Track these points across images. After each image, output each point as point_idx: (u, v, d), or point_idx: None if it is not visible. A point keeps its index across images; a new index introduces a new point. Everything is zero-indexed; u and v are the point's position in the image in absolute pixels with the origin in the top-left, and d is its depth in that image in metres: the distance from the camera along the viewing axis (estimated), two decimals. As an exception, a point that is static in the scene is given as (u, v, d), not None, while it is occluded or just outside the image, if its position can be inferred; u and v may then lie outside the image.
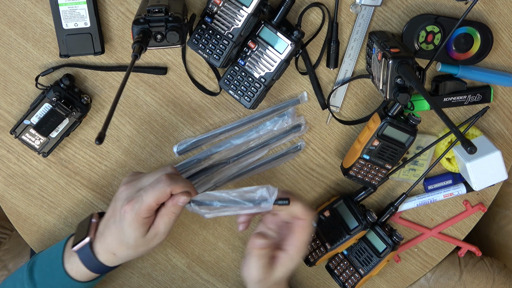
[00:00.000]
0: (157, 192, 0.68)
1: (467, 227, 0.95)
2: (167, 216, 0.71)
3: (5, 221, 1.06)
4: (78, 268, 0.75)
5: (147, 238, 0.72)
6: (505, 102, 0.85)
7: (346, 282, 0.89)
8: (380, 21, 0.79)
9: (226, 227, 0.91)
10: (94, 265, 0.75)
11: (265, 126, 0.83)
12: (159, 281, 0.94)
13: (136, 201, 0.69)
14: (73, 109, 0.77)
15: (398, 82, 0.70)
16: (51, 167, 0.84)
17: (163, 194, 0.69)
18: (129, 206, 0.70)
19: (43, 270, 0.77)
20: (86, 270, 0.75)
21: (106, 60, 0.79)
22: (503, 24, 0.80)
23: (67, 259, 0.76)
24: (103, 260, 0.75)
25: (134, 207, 0.69)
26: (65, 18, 0.73)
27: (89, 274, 0.76)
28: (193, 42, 0.74)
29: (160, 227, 0.72)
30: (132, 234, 0.71)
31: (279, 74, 0.75)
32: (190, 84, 0.81)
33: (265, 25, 0.74)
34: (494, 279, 0.97)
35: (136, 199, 0.69)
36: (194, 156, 0.85)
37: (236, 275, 0.95)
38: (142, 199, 0.69)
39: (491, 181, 0.84)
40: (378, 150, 0.78)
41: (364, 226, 0.85)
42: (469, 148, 0.55)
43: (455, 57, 0.79)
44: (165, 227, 0.72)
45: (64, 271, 0.76)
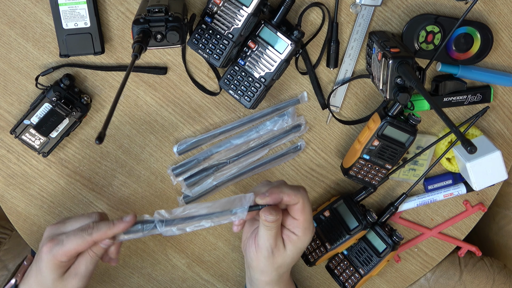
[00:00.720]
0: (79, 241, 0.67)
1: (467, 227, 0.95)
2: (88, 255, 0.70)
3: (5, 221, 1.06)
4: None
5: (65, 279, 0.70)
6: (505, 102, 0.85)
7: (346, 282, 0.89)
8: (380, 21, 0.79)
9: (226, 227, 0.91)
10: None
11: (265, 126, 0.83)
12: (159, 281, 0.94)
13: (55, 243, 0.68)
14: (73, 109, 0.77)
15: (398, 82, 0.70)
16: (51, 167, 0.84)
17: (84, 244, 0.67)
18: (47, 247, 0.68)
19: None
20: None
21: (106, 60, 0.79)
22: (503, 24, 0.80)
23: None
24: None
25: (52, 249, 0.68)
26: (65, 18, 0.73)
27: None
28: (193, 42, 0.74)
29: (80, 267, 0.70)
30: (48, 275, 0.69)
31: (279, 74, 0.75)
32: (190, 84, 0.81)
33: (265, 25, 0.74)
34: (494, 279, 0.97)
35: (56, 241, 0.68)
36: (194, 156, 0.85)
37: (236, 275, 0.95)
38: (63, 243, 0.67)
39: (491, 181, 0.84)
40: (378, 150, 0.78)
41: (364, 226, 0.85)
42: (469, 148, 0.55)
43: (455, 57, 0.79)
44: (85, 267, 0.70)
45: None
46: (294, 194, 0.68)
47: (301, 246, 0.72)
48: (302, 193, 0.69)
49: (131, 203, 0.88)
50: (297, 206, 0.69)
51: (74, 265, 0.70)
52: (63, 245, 0.67)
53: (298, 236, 0.70)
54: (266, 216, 0.67)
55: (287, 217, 0.71)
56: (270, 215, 0.67)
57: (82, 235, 0.67)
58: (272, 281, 0.74)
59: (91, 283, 0.93)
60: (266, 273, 0.73)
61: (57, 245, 0.68)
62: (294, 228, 0.70)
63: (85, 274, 0.71)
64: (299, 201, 0.69)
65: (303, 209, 0.69)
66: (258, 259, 0.72)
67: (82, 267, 0.70)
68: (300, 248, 0.72)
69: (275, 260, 0.71)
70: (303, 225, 0.70)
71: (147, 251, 0.92)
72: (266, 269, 0.73)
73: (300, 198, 0.69)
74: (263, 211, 0.68)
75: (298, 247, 0.72)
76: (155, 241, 0.91)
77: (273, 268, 0.72)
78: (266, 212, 0.67)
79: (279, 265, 0.72)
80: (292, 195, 0.68)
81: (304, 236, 0.71)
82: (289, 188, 0.69)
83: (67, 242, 0.67)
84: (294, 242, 0.71)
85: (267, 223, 0.68)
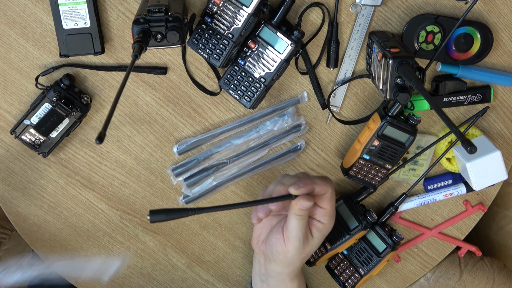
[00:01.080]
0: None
1: (467, 227, 0.95)
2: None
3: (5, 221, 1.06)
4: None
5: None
6: (505, 102, 0.85)
7: (346, 282, 0.89)
8: (380, 21, 0.79)
9: (226, 227, 0.91)
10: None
11: (265, 126, 0.83)
12: (159, 281, 0.94)
13: None
14: (73, 109, 0.77)
15: (398, 82, 0.70)
16: (51, 167, 0.84)
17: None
18: None
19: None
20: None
21: (106, 60, 0.79)
22: (503, 24, 0.80)
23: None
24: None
25: None
26: (65, 18, 0.73)
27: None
28: (193, 42, 0.74)
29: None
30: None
31: (279, 74, 0.75)
32: (190, 84, 0.81)
33: (265, 25, 0.74)
34: (494, 279, 0.97)
35: None
36: (194, 156, 0.85)
37: (236, 275, 0.95)
38: None
39: (491, 181, 0.84)
40: (378, 150, 0.78)
41: (364, 226, 0.85)
42: (469, 148, 0.55)
43: (455, 57, 0.79)
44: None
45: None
46: (324, 184, 0.71)
47: (326, 233, 0.75)
48: (330, 182, 0.73)
49: (131, 203, 0.88)
50: (326, 195, 0.72)
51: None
52: None
53: (324, 224, 0.74)
54: (303, 203, 0.69)
55: (314, 207, 0.73)
56: (308, 201, 0.69)
57: None
58: (294, 272, 0.77)
59: (92, 283, 0.93)
60: (293, 264, 0.75)
61: None
62: (321, 217, 0.73)
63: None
64: (329, 191, 0.72)
65: (331, 198, 0.72)
66: (288, 251, 0.73)
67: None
68: (325, 235, 0.75)
69: (304, 250, 0.74)
70: (330, 213, 0.73)
71: (147, 251, 0.92)
72: (293, 260, 0.74)
73: (330, 187, 0.72)
74: (299, 199, 0.69)
75: (323, 234, 0.75)
76: (155, 241, 0.91)
77: (300, 258, 0.75)
78: (304, 199, 0.69)
79: (306, 254, 0.75)
80: (323, 185, 0.71)
81: (330, 223, 0.74)
82: (319, 179, 0.72)
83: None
84: (320, 230, 0.74)
85: (301, 211, 0.70)
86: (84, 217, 0.88)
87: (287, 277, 0.77)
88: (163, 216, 0.63)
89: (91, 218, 0.88)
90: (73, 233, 0.89)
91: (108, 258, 0.72)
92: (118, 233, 0.90)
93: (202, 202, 0.88)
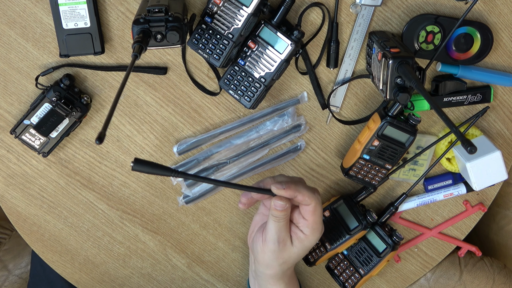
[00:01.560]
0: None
1: (467, 227, 0.95)
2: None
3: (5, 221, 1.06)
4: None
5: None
6: (505, 102, 0.85)
7: (346, 282, 0.89)
8: (380, 21, 0.79)
9: (226, 227, 0.91)
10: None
11: (265, 126, 0.83)
12: (159, 281, 0.94)
13: None
14: (73, 109, 0.77)
15: (398, 82, 0.70)
16: (51, 167, 0.84)
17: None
18: None
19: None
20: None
21: (106, 60, 0.79)
22: (503, 24, 0.80)
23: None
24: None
25: None
26: (65, 18, 0.73)
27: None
28: (193, 42, 0.74)
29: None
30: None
31: (279, 74, 0.75)
32: (190, 84, 0.81)
33: (265, 25, 0.74)
34: (494, 279, 0.97)
35: None
36: (194, 156, 0.85)
37: (236, 275, 0.95)
38: None
39: (491, 181, 0.84)
40: (378, 150, 0.78)
41: (364, 226, 0.85)
42: (469, 148, 0.55)
43: (455, 57, 0.79)
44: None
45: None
46: (308, 196, 0.70)
47: (308, 245, 0.74)
48: (316, 196, 0.72)
49: (131, 203, 0.88)
50: (309, 208, 0.71)
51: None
52: None
53: (306, 235, 0.72)
54: (275, 201, 0.69)
55: (298, 215, 0.73)
56: (280, 201, 0.69)
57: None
58: (276, 275, 0.76)
59: (92, 283, 0.93)
60: (271, 267, 0.75)
61: None
62: (303, 227, 0.72)
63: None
64: (311, 204, 0.71)
65: (313, 212, 0.71)
66: (264, 252, 0.74)
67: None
68: (307, 246, 0.74)
69: (281, 255, 0.73)
70: (312, 225, 0.72)
71: (147, 251, 0.92)
72: (271, 263, 0.74)
73: (313, 201, 0.71)
74: (275, 198, 0.70)
75: (305, 245, 0.73)
76: (155, 241, 0.91)
77: (277, 263, 0.74)
78: (278, 198, 0.69)
79: (284, 260, 0.74)
80: (306, 196, 0.70)
81: (312, 235, 0.73)
82: (305, 189, 0.71)
83: None
84: (301, 240, 0.73)
85: (276, 212, 0.70)
86: (84, 217, 0.88)
87: (270, 279, 0.77)
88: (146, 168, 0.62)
89: (91, 218, 0.88)
90: (73, 233, 0.89)
91: None
92: (118, 233, 0.90)
93: (202, 202, 0.89)
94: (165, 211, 0.89)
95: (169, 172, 0.61)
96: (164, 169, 0.61)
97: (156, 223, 0.90)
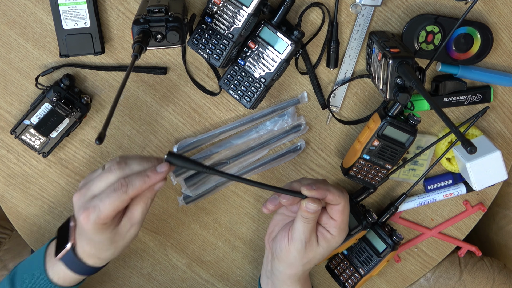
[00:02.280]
0: (117, 202, 0.63)
1: (467, 227, 0.95)
2: (143, 202, 0.67)
3: (5, 221, 1.06)
4: (65, 275, 0.72)
5: (121, 233, 0.68)
6: (505, 102, 0.85)
7: (346, 282, 0.89)
8: (380, 21, 0.79)
9: (226, 227, 0.91)
10: (82, 269, 0.72)
11: (265, 126, 0.83)
12: (159, 281, 0.94)
13: (91, 211, 0.64)
14: (73, 109, 0.77)
15: (398, 82, 0.70)
16: (51, 167, 0.84)
17: (123, 203, 0.64)
18: (85, 218, 0.64)
19: (25, 281, 0.74)
20: (74, 275, 0.72)
21: (106, 60, 0.79)
22: (503, 24, 0.80)
23: (50, 268, 0.73)
24: (91, 263, 0.72)
25: (90, 218, 0.64)
26: (65, 18, 0.73)
27: (77, 278, 0.73)
28: (193, 42, 0.74)
29: (136, 216, 0.67)
30: (101, 238, 0.67)
31: (279, 74, 0.75)
32: (190, 84, 0.81)
33: (265, 25, 0.74)
34: (494, 279, 0.97)
35: (92, 209, 0.64)
36: (194, 156, 0.85)
37: (236, 275, 0.95)
38: (99, 209, 0.64)
39: (491, 181, 0.84)
40: (378, 150, 0.78)
41: (364, 226, 0.85)
42: (469, 148, 0.55)
43: (455, 57, 0.79)
44: (142, 215, 0.67)
45: (48, 280, 0.72)
46: (338, 195, 0.70)
47: (334, 245, 0.74)
48: (345, 195, 0.72)
49: (131, 203, 0.88)
50: (338, 207, 0.71)
51: (129, 216, 0.67)
52: (101, 210, 0.64)
53: (332, 236, 0.72)
54: (309, 204, 0.69)
55: (325, 216, 0.73)
56: (313, 203, 0.69)
57: (118, 196, 0.63)
58: (296, 275, 0.76)
59: (92, 283, 0.93)
60: (294, 266, 0.75)
61: (93, 212, 0.64)
62: (330, 227, 0.72)
63: (141, 220, 0.68)
64: (341, 203, 0.71)
65: (343, 211, 0.71)
66: (289, 251, 0.73)
67: (138, 216, 0.67)
68: (333, 247, 0.74)
69: (306, 255, 0.73)
70: (340, 225, 0.72)
71: (147, 251, 0.92)
72: (294, 262, 0.74)
73: (343, 200, 0.71)
74: (307, 200, 0.69)
75: (331, 246, 0.73)
76: (155, 241, 0.91)
77: (301, 262, 0.74)
78: (312, 201, 0.69)
79: (308, 260, 0.74)
80: (336, 195, 0.70)
81: (339, 236, 0.73)
82: (335, 188, 0.71)
83: (104, 207, 0.64)
84: (327, 240, 0.73)
85: (306, 214, 0.70)
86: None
87: (288, 279, 0.77)
88: (179, 161, 0.62)
89: (91, 218, 0.88)
90: (73, 233, 0.89)
91: None
92: (118, 233, 0.90)
93: (202, 202, 0.89)
94: (165, 211, 0.89)
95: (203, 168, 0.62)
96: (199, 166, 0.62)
97: (156, 223, 0.90)
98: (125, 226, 0.68)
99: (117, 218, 0.67)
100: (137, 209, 0.67)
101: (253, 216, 0.91)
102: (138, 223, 0.68)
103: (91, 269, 0.73)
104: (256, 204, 0.90)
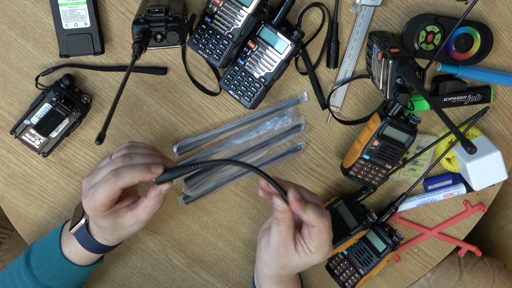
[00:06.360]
0: (107, 191, 0.67)
1: (467, 227, 0.95)
2: (151, 204, 0.70)
3: (5, 221, 1.06)
4: (76, 250, 0.76)
5: (123, 225, 0.71)
6: (505, 102, 0.85)
7: (346, 282, 0.89)
8: (380, 21, 0.79)
9: (226, 227, 0.91)
10: (92, 246, 0.76)
11: (265, 126, 0.83)
12: (159, 281, 0.94)
13: (90, 198, 0.68)
14: (73, 109, 0.77)
15: (398, 82, 0.70)
16: (51, 167, 0.84)
17: (112, 193, 0.67)
18: (85, 204, 0.69)
19: (40, 255, 0.78)
20: (86, 251, 0.76)
21: (106, 60, 0.79)
22: (503, 24, 0.80)
23: (65, 243, 0.77)
24: (101, 241, 0.76)
25: (89, 204, 0.68)
26: (65, 18, 0.73)
27: (89, 255, 0.77)
28: (193, 42, 0.74)
29: (141, 216, 0.70)
30: (102, 223, 0.71)
31: (279, 74, 0.75)
32: (190, 84, 0.81)
33: (265, 25, 0.74)
34: (494, 279, 0.97)
35: (90, 196, 0.68)
36: (194, 156, 0.85)
37: (236, 275, 0.95)
38: (94, 197, 0.68)
39: (491, 181, 0.84)
40: (378, 150, 0.78)
41: (364, 226, 0.85)
42: (469, 148, 0.55)
43: (455, 57, 0.79)
44: (147, 216, 0.71)
45: (61, 254, 0.76)
46: (313, 218, 0.68)
47: (311, 261, 0.72)
48: (323, 221, 0.69)
49: (131, 203, 0.88)
50: (314, 229, 0.69)
51: (134, 213, 0.70)
52: (95, 199, 0.67)
53: (311, 252, 0.71)
54: (275, 200, 0.68)
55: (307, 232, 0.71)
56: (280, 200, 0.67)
57: (109, 186, 0.67)
58: (273, 277, 0.76)
59: (92, 283, 0.93)
60: (268, 267, 0.75)
61: (91, 200, 0.68)
62: (309, 244, 0.71)
63: (145, 220, 0.71)
64: (315, 226, 0.69)
65: (318, 234, 0.69)
66: (265, 251, 0.74)
67: (143, 216, 0.70)
68: (310, 262, 0.72)
69: (280, 259, 0.72)
70: (317, 246, 0.70)
71: (147, 251, 0.92)
72: (269, 263, 0.74)
73: (318, 224, 0.68)
74: (276, 195, 0.68)
75: (308, 261, 0.72)
76: (155, 241, 0.91)
77: (276, 265, 0.74)
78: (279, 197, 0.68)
79: (282, 265, 0.73)
80: (311, 218, 0.68)
81: (317, 255, 0.71)
82: (312, 210, 0.68)
83: (98, 195, 0.67)
84: (306, 254, 0.71)
85: (277, 213, 0.68)
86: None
87: (266, 278, 0.77)
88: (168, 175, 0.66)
89: (91, 218, 0.88)
90: (73, 233, 0.89)
91: None
92: (118, 233, 0.90)
93: (202, 202, 0.89)
94: (165, 211, 0.89)
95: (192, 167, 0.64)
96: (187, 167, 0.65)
97: (156, 223, 0.90)
98: (129, 221, 0.71)
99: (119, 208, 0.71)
100: (143, 210, 0.70)
101: (253, 216, 0.91)
102: (142, 222, 0.72)
103: (102, 247, 0.76)
104: (256, 204, 0.90)
